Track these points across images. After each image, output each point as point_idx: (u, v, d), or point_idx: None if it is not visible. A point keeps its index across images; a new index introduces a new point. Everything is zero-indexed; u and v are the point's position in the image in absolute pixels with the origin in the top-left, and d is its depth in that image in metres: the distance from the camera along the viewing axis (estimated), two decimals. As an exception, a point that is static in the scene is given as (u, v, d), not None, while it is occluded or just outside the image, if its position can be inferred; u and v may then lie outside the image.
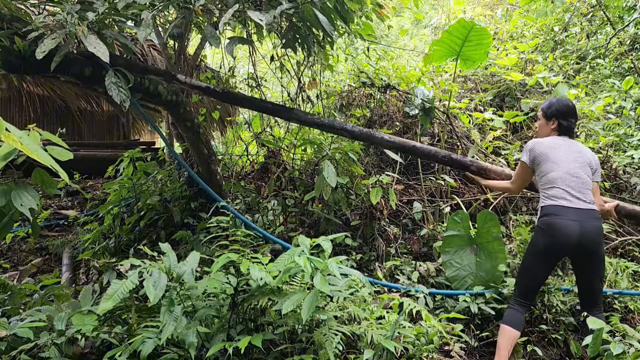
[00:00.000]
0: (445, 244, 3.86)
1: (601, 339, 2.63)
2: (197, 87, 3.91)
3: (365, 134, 3.91)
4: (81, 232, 5.12)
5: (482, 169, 3.70)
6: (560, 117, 3.18)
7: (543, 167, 3.08)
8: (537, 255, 2.97)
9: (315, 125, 4.03)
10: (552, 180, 3.02)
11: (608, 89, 6.83)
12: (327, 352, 2.33)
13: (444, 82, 5.87)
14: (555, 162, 3.06)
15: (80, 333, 2.49)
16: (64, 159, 2.50)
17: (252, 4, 3.60)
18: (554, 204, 2.96)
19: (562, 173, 3.02)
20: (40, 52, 2.89)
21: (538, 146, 3.13)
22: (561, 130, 3.19)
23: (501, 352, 2.89)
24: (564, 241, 2.87)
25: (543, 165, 3.08)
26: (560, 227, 2.88)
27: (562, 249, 2.90)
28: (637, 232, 4.78)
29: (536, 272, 2.99)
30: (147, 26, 3.10)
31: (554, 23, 8.03)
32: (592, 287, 2.98)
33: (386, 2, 5.56)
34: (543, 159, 3.09)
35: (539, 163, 3.10)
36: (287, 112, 4.00)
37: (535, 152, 3.12)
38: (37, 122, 4.98)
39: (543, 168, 3.08)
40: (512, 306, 3.02)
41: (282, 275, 2.49)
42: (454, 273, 3.74)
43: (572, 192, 2.96)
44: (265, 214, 4.48)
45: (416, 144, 3.90)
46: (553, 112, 3.20)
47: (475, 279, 3.67)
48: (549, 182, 3.03)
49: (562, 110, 3.18)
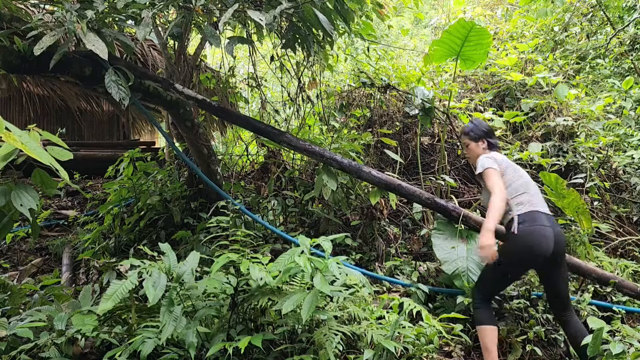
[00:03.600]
0: (437, 231, 3.90)
1: (601, 339, 2.63)
2: (193, 98, 3.90)
3: (353, 167, 3.90)
4: (81, 232, 5.11)
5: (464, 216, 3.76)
6: (486, 136, 3.33)
7: (509, 175, 3.12)
8: (519, 264, 2.99)
9: (306, 152, 3.99)
10: (519, 187, 3.08)
11: (608, 89, 6.82)
12: (327, 352, 2.33)
13: (444, 82, 5.86)
14: (517, 171, 3.18)
15: (80, 333, 2.48)
16: (64, 159, 2.51)
17: (252, 3, 3.60)
18: (529, 210, 2.99)
19: (526, 180, 3.15)
20: (38, 49, 2.89)
21: (496, 157, 3.18)
22: (491, 148, 3.32)
23: (491, 353, 2.90)
24: (545, 247, 2.89)
25: (508, 174, 3.13)
26: (541, 233, 2.91)
27: (543, 254, 2.90)
28: (637, 232, 4.78)
29: (512, 279, 3.07)
30: (146, 25, 3.10)
31: (554, 23, 8.02)
32: (566, 290, 3.05)
33: (386, 1, 5.55)
34: (508, 165, 3.17)
35: (503, 171, 3.12)
36: (278, 135, 3.96)
37: (498, 162, 3.14)
38: (37, 122, 4.98)
39: (509, 177, 3.12)
40: (479, 306, 3.01)
41: (282, 275, 2.49)
42: (445, 255, 3.70)
43: (539, 198, 3.07)
44: (265, 214, 4.48)
45: (402, 183, 3.91)
46: (479, 134, 3.32)
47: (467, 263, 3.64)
48: (517, 189, 3.08)
49: (485, 130, 3.35)
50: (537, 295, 3.64)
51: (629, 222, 5.05)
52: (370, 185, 4.21)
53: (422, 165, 5.18)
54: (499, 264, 2.90)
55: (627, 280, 3.77)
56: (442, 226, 3.92)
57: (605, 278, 3.62)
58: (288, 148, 4.26)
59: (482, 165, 3.10)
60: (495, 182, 3.01)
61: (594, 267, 3.73)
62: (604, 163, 5.21)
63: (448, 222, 3.94)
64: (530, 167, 5.27)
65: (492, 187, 3.00)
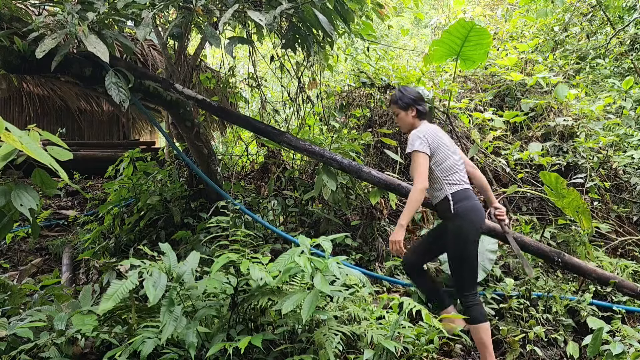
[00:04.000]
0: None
1: (601, 339, 2.64)
2: (193, 98, 3.90)
3: (353, 167, 3.89)
4: (81, 232, 5.11)
5: None
6: (415, 104, 3.27)
7: (441, 154, 3.11)
8: (473, 241, 3.04)
9: (306, 152, 3.98)
10: (452, 165, 3.12)
11: (608, 89, 6.83)
12: (327, 352, 2.33)
13: (444, 82, 5.87)
14: (449, 147, 3.17)
15: (80, 333, 2.48)
16: (63, 159, 2.50)
17: (252, 4, 3.60)
18: (463, 187, 3.09)
19: (457, 157, 3.18)
20: (40, 52, 2.89)
21: (429, 135, 3.12)
22: (420, 116, 3.28)
23: (488, 348, 2.93)
24: (484, 220, 3.11)
25: (441, 152, 3.11)
26: (479, 208, 3.08)
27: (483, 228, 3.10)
28: (637, 232, 4.79)
29: (475, 257, 3.08)
30: (146, 25, 3.10)
31: (554, 23, 8.03)
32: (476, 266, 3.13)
33: (386, 1, 5.56)
34: (440, 144, 3.12)
35: (435, 149, 3.10)
36: (278, 135, 3.95)
37: (430, 141, 3.09)
38: (37, 122, 4.98)
39: (441, 155, 3.11)
40: (470, 303, 3.02)
41: (282, 275, 2.49)
42: (445, 255, 3.68)
43: (465, 175, 3.19)
44: (265, 214, 4.48)
45: (402, 183, 3.90)
46: (408, 102, 3.28)
47: None
48: (451, 167, 3.11)
49: (414, 97, 3.29)
50: (537, 295, 3.64)
51: (629, 222, 5.05)
52: (370, 185, 4.21)
53: (422, 165, 5.17)
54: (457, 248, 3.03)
55: (627, 280, 3.78)
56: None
57: (605, 278, 3.62)
58: (288, 148, 4.26)
59: (412, 145, 3.09)
60: (420, 171, 3.02)
61: (594, 267, 3.74)
62: (604, 163, 5.21)
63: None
64: (530, 167, 5.27)
65: (415, 174, 3.04)
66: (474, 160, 5.30)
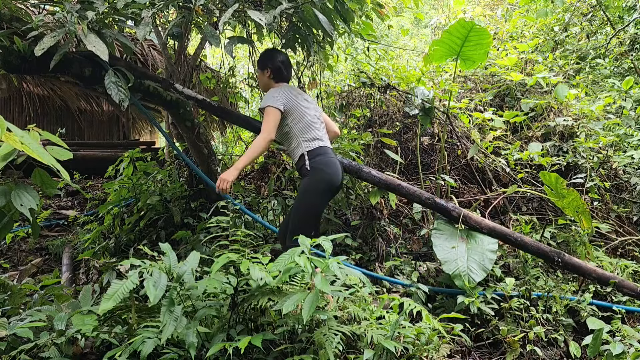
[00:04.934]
0: (437, 231, 3.90)
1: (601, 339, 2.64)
2: (193, 98, 3.91)
3: (353, 167, 3.91)
4: (81, 232, 5.11)
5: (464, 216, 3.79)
6: (270, 64, 3.37)
7: (297, 112, 3.21)
8: (323, 193, 3.14)
9: None
10: (309, 123, 3.23)
11: (608, 89, 6.82)
12: (327, 352, 2.33)
13: (444, 82, 5.86)
14: (305, 106, 3.28)
15: (80, 333, 2.48)
16: (63, 159, 2.51)
17: (252, 3, 3.60)
18: (319, 145, 3.20)
19: (313, 116, 3.28)
20: (39, 50, 2.89)
21: (285, 92, 3.24)
22: (277, 77, 3.38)
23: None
24: (339, 176, 3.17)
25: (296, 110, 3.21)
26: (334, 163, 3.18)
27: (338, 183, 3.18)
28: (637, 232, 4.79)
29: (320, 210, 3.23)
30: (146, 25, 3.10)
31: (554, 23, 8.02)
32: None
33: (386, 1, 5.56)
34: (295, 103, 3.22)
35: (290, 108, 3.20)
36: None
37: (285, 98, 3.20)
38: (37, 122, 4.99)
39: (298, 113, 3.21)
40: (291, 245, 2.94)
41: (282, 275, 2.49)
42: (445, 255, 3.70)
43: (324, 133, 3.31)
44: (265, 214, 4.48)
45: (402, 183, 3.90)
46: (264, 63, 3.40)
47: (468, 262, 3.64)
48: (308, 125, 3.22)
49: (270, 57, 3.41)
50: (537, 295, 3.64)
51: (629, 222, 5.05)
52: (370, 185, 4.21)
53: (422, 165, 5.18)
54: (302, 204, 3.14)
55: (627, 280, 3.77)
56: (442, 226, 3.92)
57: (605, 278, 3.62)
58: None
59: (265, 101, 3.19)
60: (268, 124, 3.12)
61: (594, 267, 3.73)
62: (604, 163, 5.21)
63: (448, 222, 3.94)
64: (530, 167, 5.27)
65: (263, 127, 3.14)
66: (474, 160, 5.30)
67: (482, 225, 3.81)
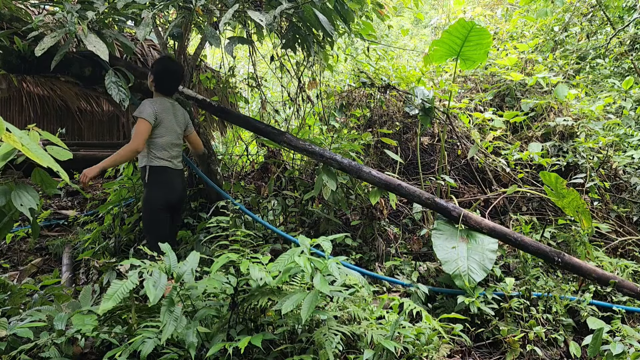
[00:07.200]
0: (437, 231, 3.90)
1: (601, 339, 2.63)
2: (193, 98, 3.92)
3: (353, 167, 3.92)
4: (81, 232, 5.11)
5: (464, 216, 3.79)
6: (155, 74, 3.57)
7: (158, 131, 3.47)
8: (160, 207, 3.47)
9: (306, 152, 4.01)
10: (162, 145, 3.49)
11: (608, 89, 6.82)
12: (327, 352, 2.33)
13: (444, 82, 5.86)
14: (167, 128, 3.51)
15: (80, 333, 2.48)
16: (63, 159, 2.50)
17: (252, 4, 3.60)
18: (163, 165, 3.49)
19: (169, 140, 3.52)
20: (39, 50, 2.89)
21: (157, 108, 3.45)
22: (158, 86, 3.57)
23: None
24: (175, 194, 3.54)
25: (158, 129, 3.46)
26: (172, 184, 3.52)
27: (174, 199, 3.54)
28: (637, 232, 4.79)
29: (162, 220, 3.49)
30: (146, 25, 3.10)
31: (554, 23, 8.02)
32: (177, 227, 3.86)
33: (386, 1, 5.56)
34: (159, 123, 3.46)
35: (158, 124, 3.45)
36: (278, 135, 3.97)
37: (155, 115, 3.42)
38: (37, 122, 4.98)
39: (157, 132, 3.46)
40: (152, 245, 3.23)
41: (282, 275, 2.49)
42: (445, 255, 3.69)
43: (174, 157, 3.57)
44: (265, 214, 4.48)
45: (402, 183, 3.90)
46: (152, 67, 3.64)
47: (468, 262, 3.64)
48: (160, 146, 3.48)
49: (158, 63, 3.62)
50: (537, 295, 3.64)
51: (629, 222, 5.05)
52: (370, 185, 4.21)
53: (422, 165, 5.18)
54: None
55: (627, 280, 3.78)
56: (442, 226, 3.92)
57: (605, 278, 3.62)
58: (288, 148, 4.26)
59: (139, 111, 3.40)
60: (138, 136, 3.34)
61: (594, 267, 3.73)
62: (604, 163, 5.21)
63: (448, 222, 3.94)
64: (530, 167, 5.27)
65: (133, 136, 3.37)
66: (474, 160, 5.30)
67: (482, 225, 3.81)
